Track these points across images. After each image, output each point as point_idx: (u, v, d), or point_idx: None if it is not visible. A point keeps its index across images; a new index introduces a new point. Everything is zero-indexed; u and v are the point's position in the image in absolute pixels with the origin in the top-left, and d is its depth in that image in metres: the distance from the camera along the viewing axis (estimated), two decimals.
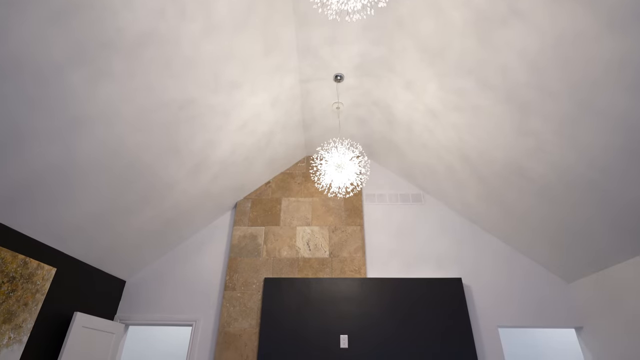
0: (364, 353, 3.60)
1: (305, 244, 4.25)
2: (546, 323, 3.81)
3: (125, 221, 3.47)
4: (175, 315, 3.97)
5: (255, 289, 4.01)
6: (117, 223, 3.41)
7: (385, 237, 4.33)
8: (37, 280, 2.91)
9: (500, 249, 4.21)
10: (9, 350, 2.66)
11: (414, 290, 3.90)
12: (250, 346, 3.71)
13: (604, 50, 2.20)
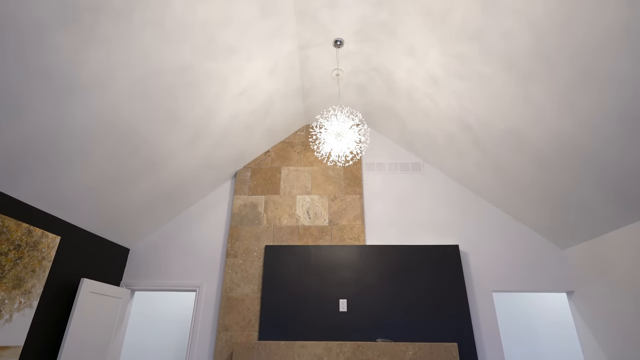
0: (362, 316, 3.74)
1: (305, 212, 4.31)
2: (539, 287, 3.93)
3: (126, 190, 3.49)
4: (179, 281, 4.09)
5: (257, 256, 4.10)
6: (118, 192, 3.43)
7: (384, 206, 4.38)
8: (43, 248, 2.97)
9: (497, 217, 4.27)
10: (20, 314, 2.76)
11: (411, 257, 3.99)
12: (252, 310, 3.85)
13: (608, 15, 2.13)
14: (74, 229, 3.41)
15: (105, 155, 2.99)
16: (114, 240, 3.98)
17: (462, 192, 4.42)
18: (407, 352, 3.41)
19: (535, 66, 2.69)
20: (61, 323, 3.23)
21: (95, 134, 2.79)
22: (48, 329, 3.08)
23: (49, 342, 3.08)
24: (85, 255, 3.56)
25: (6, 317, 2.64)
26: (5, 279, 2.63)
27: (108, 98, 2.65)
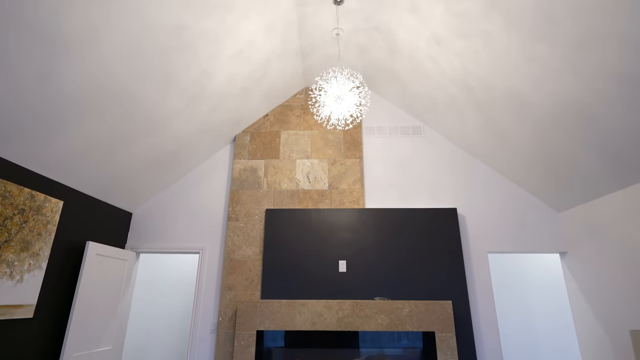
0: (361, 276, 3.87)
1: (305, 176, 4.33)
2: (533, 248, 4.04)
3: (126, 153, 3.48)
4: (182, 244, 4.19)
5: (258, 219, 4.17)
6: (117, 156, 3.43)
7: (384, 170, 4.40)
8: (47, 212, 3.01)
9: (495, 180, 4.30)
10: (30, 275, 2.85)
11: (410, 219, 4.06)
12: (254, 271, 3.98)
13: None
14: (76, 194, 3.44)
15: (101, 117, 2.96)
16: (116, 204, 4.03)
17: (462, 156, 4.42)
18: (404, 309, 3.56)
19: (539, 25, 2.59)
20: (70, 284, 3.35)
21: (90, 95, 2.74)
22: (58, 289, 3.20)
23: (60, 301, 3.21)
24: (89, 219, 3.62)
25: (17, 278, 2.73)
26: (12, 241, 2.69)
27: (100, 57, 2.58)
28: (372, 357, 3.53)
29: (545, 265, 5.19)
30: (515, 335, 4.90)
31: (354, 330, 3.54)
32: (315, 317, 3.56)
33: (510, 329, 4.93)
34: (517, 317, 4.97)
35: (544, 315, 4.97)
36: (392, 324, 3.52)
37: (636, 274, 3.12)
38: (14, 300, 2.70)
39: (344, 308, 3.59)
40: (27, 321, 2.87)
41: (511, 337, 4.89)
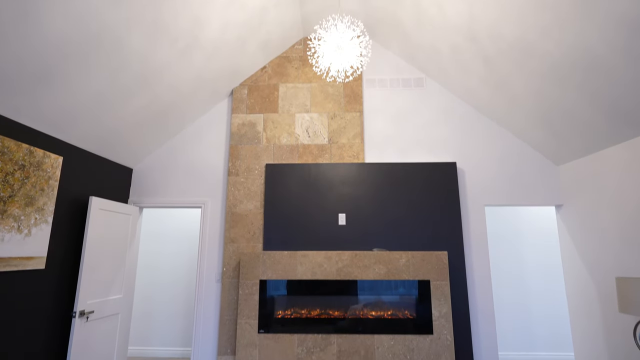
0: (360, 229, 3.97)
1: (304, 130, 4.28)
2: (530, 201, 4.10)
3: (121, 107, 3.42)
4: (184, 199, 4.25)
5: (258, 174, 4.20)
6: (113, 110, 3.37)
7: (384, 123, 4.34)
8: (47, 168, 3.02)
9: (496, 133, 4.26)
10: (37, 229, 2.93)
11: (409, 174, 4.09)
12: (256, 224, 4.07)
13: None
14: (75, 150, 3.43)
15: (93, 69, 2.87)
16: (116, 160, 4.03)
17: (463, 109, 4.35)
18: (401, 259, 3.70)
19: None
20: (78, 237, 3.45)
21: (79, 45, 2.63)
22: (67, 243, 3.30)
23: (69, 253, 3.33)
24: (90, 175, 3.64)
25: (25, 232, 2.80)
26: (16, 197, 2.73)
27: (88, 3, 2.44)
28: (370, 304, 3.73)
29: (540, 218, 5.31)
30: (506, 284, 5.13)
31: (352, 279, 3.70)
32: (315, 267, 3.71)
33: (502, 278, 5.16)
34: (510, 267, 5.18)
35: (535, 266, 5.17)
36: (390, 273, 3.68)
37: (627, 226, 3.20)
38: (24, 253, 2.80)
39: (343, 259, 3.72)
40: (40, 272, 2.99)
41: (503, 285, 5.13)
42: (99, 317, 3.52)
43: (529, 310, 5.04)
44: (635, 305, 2.61)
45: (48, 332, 3.09)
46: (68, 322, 3.32)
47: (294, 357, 3.55)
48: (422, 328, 3.58)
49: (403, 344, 3.54)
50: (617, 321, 3.31)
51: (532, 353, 4.91)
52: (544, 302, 5.05)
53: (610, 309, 3.40)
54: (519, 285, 5.11)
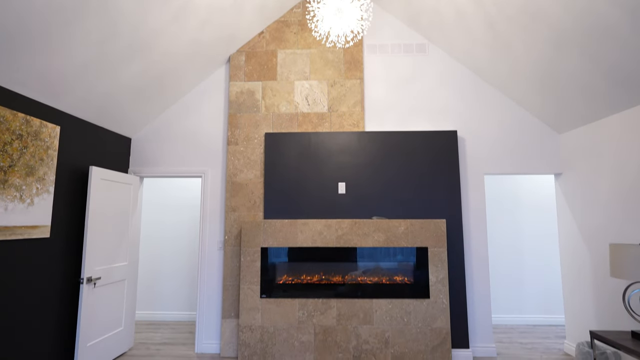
0: (360, 198, 4.01)
1: (304, 98, 4.21)
2: (529, 170, 4.11)
3: (115, 74, 3.35)
4: (184, 168, 4.26)
5: (257, 143, 4.17)
6: (108, 77, 3.30)
7: (385, 91, 4.27)
8: (45, 137, 3.00)
9: (498, 101, 4.20)
10: (40, 198, 2.95)
11: (410, 142, 4.07)
12: (256, 193, 4.10)
13: None
14: (72, 119, 3.39)
15: (84, 33, 2.78)
16: (114, 129, 4.00)
17: (466, 75, 4.25)
18: (400, 227, 3.76)
19: None
20: (80, 207, 3.48)
21: (65, 9, 2.53)
22: (70, 212, 3.34)
23: (73, 222, 3.38)
24: (89, 144, 3.62)
25: (28, 202, 2.83)
26: (16, 167, 2.73)
27: None
28: (369, 270, 3.83)
29: (538, 187, 5.34)
30: (502, 250, 5.25)
31: (352, 247, 3.78)
32: (315, 235, 3.78)
33: (498, 244, 5.26)
34: (506, 234, 5.27)
35: (531, 233, 5.26)
36: (388, 241, 3.75)
37: (624, 195, 3.22)
38: (29, 222, 2.84)
39: (343, 227, 3.78)
40: (45, 240, 3.05)
41: (498, 251, 5.25)
42: (105, 284, 3.62)
43: (522, 275, 5.18)
44: (626, 269, 2.69)
45: (58, 298, 3.19)
46: (77, 289, 3.43)
47: (295, 320, 3.70)
48: (419, 292, 3.69)
49: (400, 308, 3.67)
50: (607, 285, 3.42)
51: (523, 316, 5.10)
52: (536, 268, 5.19)
53: (601, 274, 3.50)
54: (514, 252, 5.23)
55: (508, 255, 5.24)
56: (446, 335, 3.62)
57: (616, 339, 2.71)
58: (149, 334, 4.66)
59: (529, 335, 4.62)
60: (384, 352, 3.62)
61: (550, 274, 5.17)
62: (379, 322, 3.66)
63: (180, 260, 5.41)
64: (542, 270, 5.18)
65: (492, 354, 3.87)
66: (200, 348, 4.00)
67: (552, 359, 3.82)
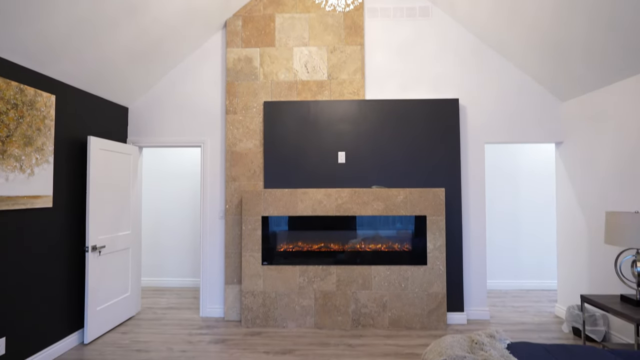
0: (360, 167, 4.01)
1: (303, 66, 4.11)
2: (530, 138, 4.09)
3: (109, 40, 3.25)
4: (183, 138, 4.23)
5: (256, 112, 4.12)
6: (101, 43, 3.20)
7: (386, 57, 4.16)
8: (41, 107, 2.96)
9: (501, 68, 4.11)
10: (40, 168, 2.96)
11: (410, 110, 4.02)
12: (256, 163, 4.10)
13: None
14: (67, 88, 3.32)
15: None
16: (110, 99, 3.94)
17: (469, 41, 4.13)
18: (399, 196, 3.79)
19: None
20: (81, 177, 3.50)
21: None
22: (71, 182, 3.35)
23: (75, 192, 3.40)
24: (85, 114, 3.58)
25: (28, 172, 2.83)
26: (14, 137, 2.71)
27: None
28: (368, 238, 3.91)
29: (537, 156, 5.33)
30: (499, 218, 5.33)
31: (352, 215, 3.83)
32: (315, 204, 3.82)
33: (496, 212, 5.33)
34: (504, 202, 5.33)
35: (528, 202, 5.31)
36: (387, 209, 3.80)
37: (623, 164, 3.23)
38: (31, 192, 2.86)
39: (342, 196, 3.82)
40: (49, 210, 3.08)
41: (496, 219, 5.33)
42: (110, 252, 3.71)
43: (519, 242, 5.29)
44: (620, 236, 2.74)
45: (66, 266, 3.28)
46: (83, 257, 3.51)
47: (296, 286, 3.81)
48: (417, 259, 3.79)
49: (398, 274, 3.78)
50: (600, 252, 3.50)
51: (518, 281, 5.26)
52: (532, 236, 5.29)
53: (595, 242, 3.57)
54: (511, 219, 5.31)
55: (505, 223, 5.32)
56: (442, 299, 3.75)
57: (605, 302, 2.82)
58: (155, 299, 4.82)
59: (521, 299, 4.78)
60: (382, 316, 3.77)
61: (545, 241, 5.28)
62: (377, 287, 3.78)
63: (183, 229, 5.50)
64: (538, 238, 5.29)
65: (486, 316, 4.03)
66: (204, 312, 4.15)
67: (542, 321, 3.99)
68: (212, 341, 3.46)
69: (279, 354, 3.17)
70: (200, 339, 3.52)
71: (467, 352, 1.76)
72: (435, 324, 3.74)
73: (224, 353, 3.19)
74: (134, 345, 3.36)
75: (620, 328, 3.27)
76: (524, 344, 2.06)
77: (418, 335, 3.58)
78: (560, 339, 3.48)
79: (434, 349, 1.89)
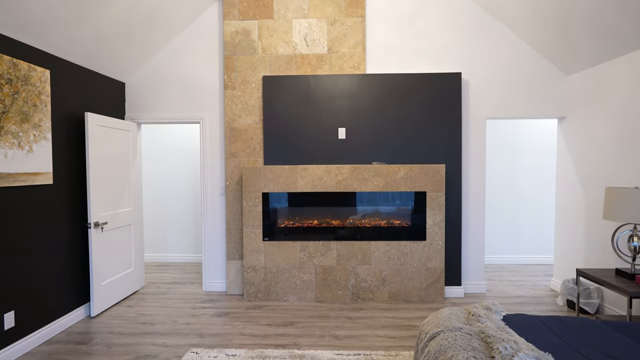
0: (360, 143, 3.98)
1: (302, 39, 4.01)
2: (533, 114, 4.04)
3: (100, 12, 3.15)
4: (182, 114, 4.18)
5: (255, 87, 4.05)
6: (92, 15, 3.11)
7: (387, 30, 4.05)
8: (35, 82, 2.90)
9: (505, 40, 4.00)
10: (38, 145, 2.94)
11: (412, 85, 3.95)
12: (256, 139, 4.07)
13: None
14: (62, 62, 3.25)
15: None
16: (106, 74, 3.86)
17: (473, 11, 4.00)
18: (399, 172, 3.79)
19: None
20: (80, 154, 3.48)
21: None
22: (70, 159, 3.34)
23: (75, 169, 3.39)
24: (81, 89, 3.52)
25: (27, 149, 2.82)
26: (10, 113, 2.68)
27: None
28: (368, 214, 3.93)
29: (537, 132, 5.29)
30: (498, 194, 5.35)
31: (352, 192, 3.84)
32: (315, 180, 3.82)
33: (495, 188, 5.35)
34: (503, 178, 5.33)
35: (527, 178, 5.32)
36: (388, 186, 3.80)
37: (625, 139, 3.20)
38: (30, 169, 2.85)
39: (342, 172, 3.81)
40: (49, 187, 3.09)
41: (495, 194, 5.35)
42: (113, 228, 3.74)
43: (517, 218, 5.33)
44: (619, 212, 2.76)
45: (70, 242, 3.31)
46: (86, 234, 3.55)
47: (296, 261, 3.88)
48: (416, 235, 3.83)
49: (398, 249, 3.83)
50: (598, 228, 3.53)
51: (515, 256, 5.35)
52: (531, 212, 5.33)
53: (593, 217, 3.60)
54: (510, 195, 5.33)
55: (504, 198, 5.34)
56: (440, 273, 3.82)
57: (600, 276, 2.87)
58: (158, 274, 4.91)
59: (518, 273, 4.87)
60: (381, 290, 3.85)
61: (544, 217, 5.32)
62: (377, 262, 3.84)
63: (184, 205, 5.53)
64: (537, 214, 5.32)
65: (482, 290, 4.11)
66: (207, 287, 4.24)
67: (538, 294, 4.08)
68: (216, 314, 3.55)
69: (280, 325, 3.26)
70: (203, 312, 3.61)
71: (463, 324, 1.81)
72: (433, 298, 3.83)
73: (227, 325, 3.29)
74: (140, 318, 3.45)
75: (614, 301, 3.35)
76: (519, 316, 2.12)
77: (416, 308, 3.67)
78: (554, 311, 3.57)
79: (432, 321, 1.94)
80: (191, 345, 2.91)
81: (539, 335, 1.86)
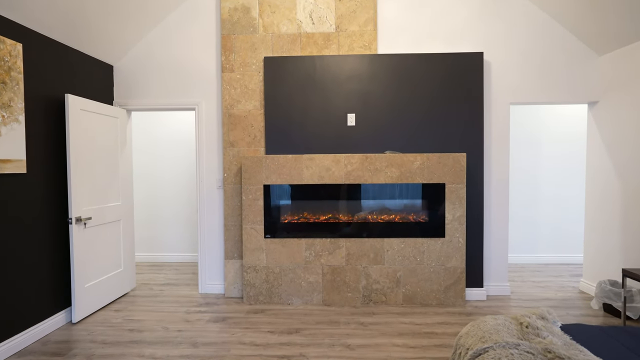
0: (372, 130, 3.61)
1: (307, 16, 3.64)
2: (561, 99, 3.66)
3: None
4: (175, 100, 3.82)
5: (255, 69, 3.68)
6: None
7: (401, 5, 3.67)
8: (4, 55, 2.54)
9: (532, 17, 3.62)
10: (8, 128, 2.57)
11: (429, 66, 3.57)
12: (256, 126, 3.70)
13: None
14: (39, 37, 2.88)
15: None
16: (92, 54, 3.49)
17: None
18: (415, 162, 3.42)
19: None
20: (61, 142, 3.11)
21: None
22: (48, 146, 2.97)
23: (54, 158, 3.02)
24: (62, 69, 3.15)
25: None
26: None
27: None
28: (380, 208, 3.57)
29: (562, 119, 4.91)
30: (518, 186, 4.97)
31: (362, 184, 3.47)
32: (322, 171, 3.45)
33: (512, 184, 4.97)
34: (524, 170, 4.95)
35: (550, 170, 4.93)
36: (402, 177, 3.43)
37: None
38: None
39: (352, 162, 3.44)
40: (22, 176, 2.72)
41: (515, 188, 4.97)
42: (98, 224, 3.38)
43: (535, 214, 4.96)
44: None
45: (49, 239, 2.95)
46: (67, 230, 3.18)
47: (302, 261, 3.51)
48: (434, 231, 3.46)
49: (413, 247, 3.46)
50: (636, 223, 3.16)
51: (534, 255, 4.97)
52: (551, 208, 4.95)
53: (632, 212, 3.23)
54: (530, 190, 4.96)
55: (521, 193, 4.97)
56: (461, 274, 3.45)
57: None
58: (151, 275, 4.55)
59: (540, 274, 4.50)
60: (395, 292, 3.48)
61: (567, 214, 4.94)
62: (390, 261, 3.47)
63: (179, 200, 5.17)
64: (557, 210, 4.95)
65: (506, 292, 3.74)
66: (204, 289, 3.87)
67: (567, 296, 3.70)
68: (212, 319, 3.18)
69: (284, 333, 2.90)
70: (198, 317, 3.24)
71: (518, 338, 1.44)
72: (453, 301, 3.46)
73: (224, 333, 2.92)
74: (127, 325, 3.09)
75: None
76: (577, 326, 1.75)
77: (435, 312, 3.30)
78: (590, 316, 3.20)
79: (473, 333, 1.57)
80: (183, 356, 2.54)
81: (610, 352, 1.49)
